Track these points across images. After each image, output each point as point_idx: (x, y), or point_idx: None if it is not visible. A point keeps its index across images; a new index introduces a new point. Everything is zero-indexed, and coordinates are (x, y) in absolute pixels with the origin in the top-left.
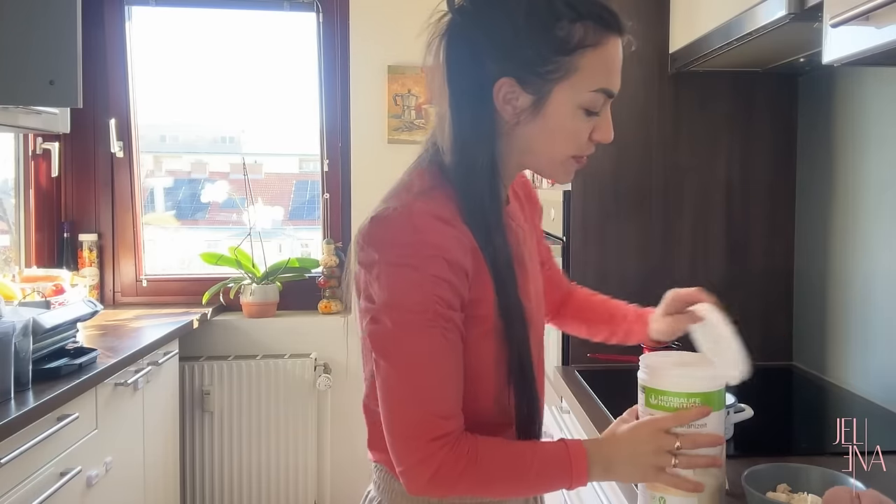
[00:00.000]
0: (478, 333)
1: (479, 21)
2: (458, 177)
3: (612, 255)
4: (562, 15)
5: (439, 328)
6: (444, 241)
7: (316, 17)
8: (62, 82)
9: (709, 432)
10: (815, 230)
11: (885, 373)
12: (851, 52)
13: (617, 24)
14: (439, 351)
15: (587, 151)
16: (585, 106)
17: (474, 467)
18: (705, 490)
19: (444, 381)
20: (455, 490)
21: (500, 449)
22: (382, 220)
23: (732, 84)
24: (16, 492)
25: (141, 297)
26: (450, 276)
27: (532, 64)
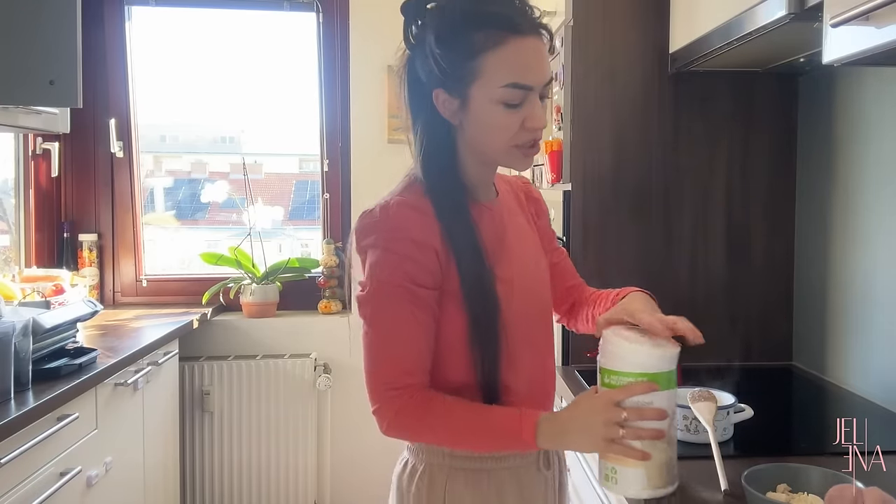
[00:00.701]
0: (451, 306)
1: (419, 48)
2: (426, 175)
3: (612, 255)
4: (466, 27)
5: (407, 298)
6: (411, 225)
7: (316, 17)
8: (62, 82)
9: (655, 407)
10: (815, 230)
11: (885, 373)
12: (851, 52)
13: (518, 25)
14: (405, 317)
15: (523, 139)
16: (502, 100)
17: (429, 416)
18: (653, 462)
19: (409, 342)
20: (413, 434)
21: (458, 405)
22: (367, 214)
23: (732, 84)
24: (16, 492)
25: (141, 297)
26: (416, 254)
27: (451, 73)
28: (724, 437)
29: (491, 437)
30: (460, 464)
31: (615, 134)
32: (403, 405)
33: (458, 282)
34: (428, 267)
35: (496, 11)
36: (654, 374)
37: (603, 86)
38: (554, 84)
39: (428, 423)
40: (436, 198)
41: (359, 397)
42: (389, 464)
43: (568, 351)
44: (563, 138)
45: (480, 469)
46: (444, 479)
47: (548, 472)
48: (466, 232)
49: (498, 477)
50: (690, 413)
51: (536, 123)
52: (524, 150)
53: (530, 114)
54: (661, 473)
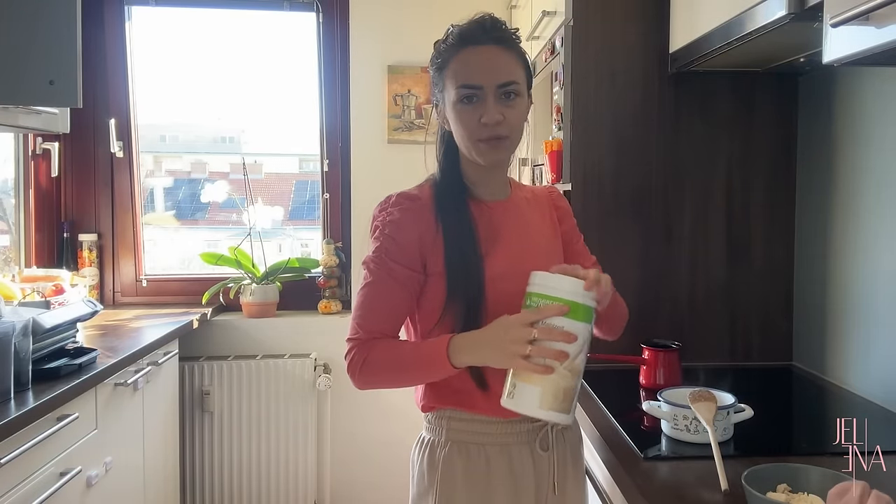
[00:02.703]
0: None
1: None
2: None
3: (612, 255)
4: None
5: (385, 266)
6: (400, 213)
7: (316, 17)
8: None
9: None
10: (815, 230)
11: (885, 373)
12: (851, 52)
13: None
14: (380, 284)
15: (482, 134)
16: (458, 100)
17: (370, 360)
18: (552, 384)
19: (379, 303)
20: (366, 377)
21: (397, 344)
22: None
23: (732, 84)
24: (16, 492)
25: (141, 297)
26: (399, 236)
27: (435, 86)
28: (724, 437)
29: (419, 365)
30: (455, 436)
31: (615, 134)
32: (354, 354)
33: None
34: (406, 249)
35: (462, 31)
36: (571, 301)
37: (603, 86)
38: (554, 84)
39: (371, 365)
40: (437, 192)
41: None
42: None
43: None
44: (563, 138)
45: (472, 442)
46: (442, 450)
47: (544, 453)
48: (458, 224)
49: (487, 451)
50: (690, 413)
51: (489, 119)
52: (486, 144)
53: (484, 111)
54: (558, 398)
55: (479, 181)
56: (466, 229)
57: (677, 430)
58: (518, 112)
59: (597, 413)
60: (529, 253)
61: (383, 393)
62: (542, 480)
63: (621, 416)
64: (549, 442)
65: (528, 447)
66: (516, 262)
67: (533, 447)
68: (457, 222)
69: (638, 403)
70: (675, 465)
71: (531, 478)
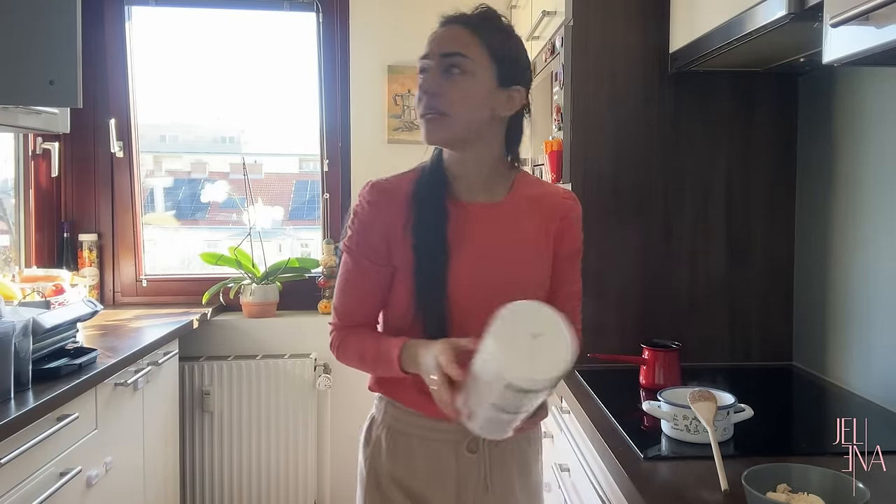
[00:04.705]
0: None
1: None
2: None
3: (613, 255)
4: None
5: (354, 256)
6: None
7: (316, 17)
8: (62, 82)
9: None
10: (815, 230)
11: (885, 373)
12: (851, 52)
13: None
14: (351, 270)
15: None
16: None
17: (343, 347)
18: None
19: (350, 290)
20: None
21: (362, 337)
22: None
23: (732, 84)
24: (16, 492)
25: (141, 297)
26: (364, 231)
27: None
28: (724, 437)
29: (378, 363)
30: (389, 421)
31: (615, 134)
32: (333, 336)
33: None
34: (371, 244)
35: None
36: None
37: (603, 86)
38: (554, 84)
39: (344, 350)
40: (416, 185)
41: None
42: None
43: None
44: (563, 138)
45: (401, 431)
46: (378, 430)
47: (471, 455)
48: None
49: (413, 442)
50: (690, 413)
51: (423, 84)
52: (423, 119)
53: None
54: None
55: (456, 177)
56: (435, 230)
57: (677, 430)
58: (461, 90)
59: (597, 413)
60: (499, 262)
61: None
62: (468, 480)
63: (621, 416)
64: (478, 445)
65: (454, 447)
66: (482, 270)
67: (460, 448)
68: (426, 221)
69: (638, 403)
70: (675, 465)
71: (453, 475)
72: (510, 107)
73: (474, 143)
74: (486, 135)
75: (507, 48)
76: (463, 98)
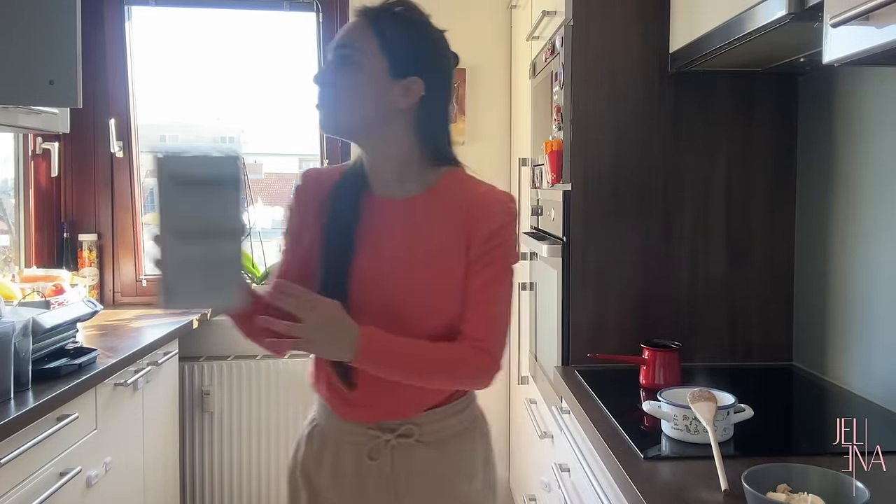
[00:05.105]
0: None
1: None
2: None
3: (612, 255)
4: None
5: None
6: (295, 192)
7: (316, 17)
8: (62, 82)
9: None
10: (815, 230)
11: (885, 373)
12: (851, 52)
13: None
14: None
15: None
16: None
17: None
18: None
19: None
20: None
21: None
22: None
23: (732, 84)
24: (16, 492)
25: (141, 297)
26: (290, 213)
27: None
28: (724, 437)
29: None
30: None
31: (615, 134)
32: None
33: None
34: (290, 226)
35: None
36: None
37: (603, 86)
38: (554, 84)
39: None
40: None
41: None
42: None
43: (568, 351)
44: (563, 138)
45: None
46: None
47: (372, 462)
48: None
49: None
50: (690, 413)
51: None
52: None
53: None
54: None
55: (373, 172)
56: (343, 223)
57: (677, 430)
58: (349, 81)
59: (597, 413)
60: (401, 260)
61: None
62: (368, 487)
63: (621, 416)
64: (381, 453)
65: (356, 451)
66: (384, 264)
67: (362, 454)
68: (337, 214)
69: (638, 403)
70: (675, 465)
71: (352, 480)
72: (407, 99)
73: (375, 135)
74: (387, 127)
75: (402, 39)
76: (350, 89)
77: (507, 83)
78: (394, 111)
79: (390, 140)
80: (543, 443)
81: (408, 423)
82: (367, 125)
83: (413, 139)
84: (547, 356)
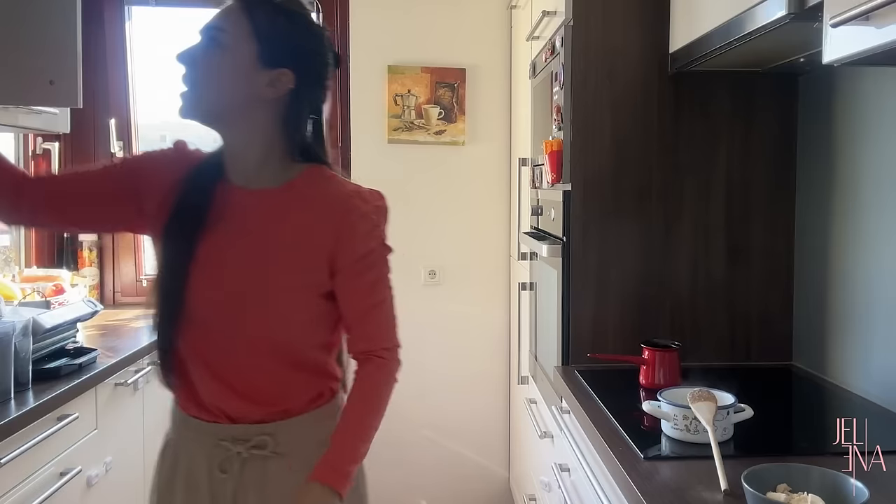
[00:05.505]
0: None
1: None
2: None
3: (612, 255)
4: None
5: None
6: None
7: (316, 18)
8: (62, 82)
9: None
10: (815, 230)
11: (885, 373)
12: (851, 52)
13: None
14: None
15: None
16: None
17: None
18: None
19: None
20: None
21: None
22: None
23: (732, 84)
24: (16, 492)
25: (141, 297)
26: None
27: None
28: (724, 437)
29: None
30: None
31: (615, 134)
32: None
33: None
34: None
35: None
36: None
37: (603, 86)
38: (554, 84)
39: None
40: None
41: None
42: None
43: (568, 351)
44: (563, 138)
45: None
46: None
47: (222, 475)
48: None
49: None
50: (690, 413)
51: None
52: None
53: None
54: None
55: (227, 160)
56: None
57: (677, 430)
58: (212, 63)
59: (597, 413)
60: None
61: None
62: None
63: (621, 416)
64: (231, 465)
65: (208, 463)
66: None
67: (213, 466)
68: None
69: (638, 403)
70: (675, 465)
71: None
72: (274, 90)
73: (236, 123)
74: (250, 116)
75: (276, 28)
76: (213, 72)
77: (507, 83)
78: (259, 100)
79: (252, 130)
80: (543, 443)
81: (262, 434)
82: (229, 111)
83: (276, 132)
84: (547, 356)
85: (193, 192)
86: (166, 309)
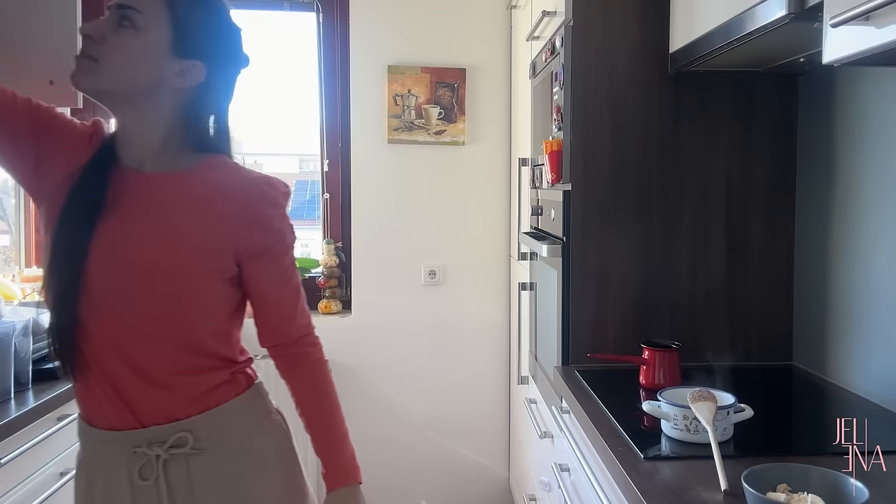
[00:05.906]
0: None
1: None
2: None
3: (612, 255)
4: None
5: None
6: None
7: (316, 17)
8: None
9: None
10: (815, 230)
11: (885, 373)
12: (851, 52)
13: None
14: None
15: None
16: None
17: None
18: None
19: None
20: None
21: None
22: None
23: (732, 84)
24: (16, 492)
25: None
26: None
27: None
28: (724, 437)
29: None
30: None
31: (615, 134)
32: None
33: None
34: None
35: None
36: None
37: (603, 86)
38: (554, 84)
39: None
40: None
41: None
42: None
43: (567, 351)
44: (563, 138)
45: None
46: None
47: (144, 482)
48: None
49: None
50: (690, 413)
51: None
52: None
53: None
54: None
55: (121, 142)
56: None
57: (677, 430)
58: (120, 42)
59: (597, 413)
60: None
61: (383, 393)
62: None
63: (621, 416)
64: (152, 472)
65: (127, 472)
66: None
67: (134, 475)
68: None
69: (638, 403)
70: (675, 464)
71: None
72: (183, 80)
73: (136, 106)
74: (151, 101)
75: (195, 18)
76: (120, 50)
77: (507, 83)
78: (164, 88)
79: (152, 115)
80: (543, 443)
81: (180, 432)
82: (131, 93)
83: (177, 120)
84: (547, 356)
85: (91, 176)
86: (65, 289)
